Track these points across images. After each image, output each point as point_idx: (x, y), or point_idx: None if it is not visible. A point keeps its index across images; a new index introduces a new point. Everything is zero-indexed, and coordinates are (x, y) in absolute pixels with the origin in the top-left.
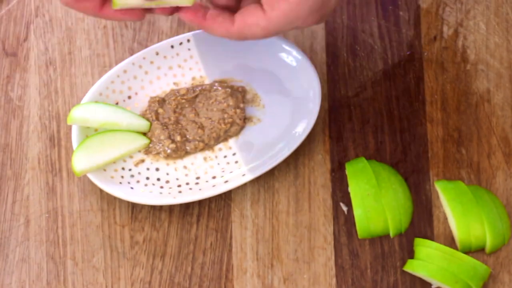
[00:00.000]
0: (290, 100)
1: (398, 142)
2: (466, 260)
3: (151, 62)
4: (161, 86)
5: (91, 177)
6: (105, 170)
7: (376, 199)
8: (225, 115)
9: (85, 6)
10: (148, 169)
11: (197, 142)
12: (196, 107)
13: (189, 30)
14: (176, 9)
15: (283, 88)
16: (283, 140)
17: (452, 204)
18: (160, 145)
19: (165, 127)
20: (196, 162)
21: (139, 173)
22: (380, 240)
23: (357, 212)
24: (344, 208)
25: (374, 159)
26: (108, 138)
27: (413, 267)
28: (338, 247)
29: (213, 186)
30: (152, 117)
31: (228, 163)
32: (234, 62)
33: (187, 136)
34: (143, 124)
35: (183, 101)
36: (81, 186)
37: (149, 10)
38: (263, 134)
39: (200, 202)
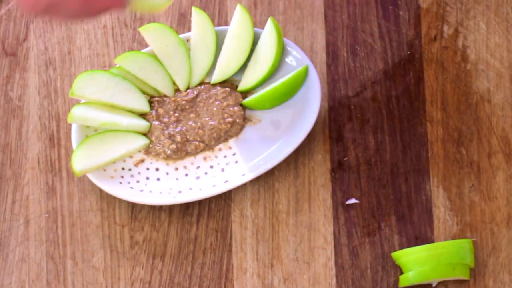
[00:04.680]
0: (290, 100)
1: (398, 142)
2: (449, 245)
3: None
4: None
5: (91, 177)
6: (105, 170)
7: None
8: (225, 115)
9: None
10: (148, 169)
11: (197, 143)
12: (196, 107)
13: (189, 30)
14: None
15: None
16: (283, 140)
17: None
18: (160, 145)
19: (165, 128)
20: (196, 162)
21: (139, 173)
22: (380, 240)
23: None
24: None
25: (374, 159)
26: (108, 138)
27: (408, 280)
28: (338, 247)
29: (213, 186)
30: (153, 117)
31: (228, 163)
32: None
33: (188, 137)
34: (143, 125)
35: (184, 101)
36: (80, 186)
37: None
38: (263, 134)
39: (200, 202)
